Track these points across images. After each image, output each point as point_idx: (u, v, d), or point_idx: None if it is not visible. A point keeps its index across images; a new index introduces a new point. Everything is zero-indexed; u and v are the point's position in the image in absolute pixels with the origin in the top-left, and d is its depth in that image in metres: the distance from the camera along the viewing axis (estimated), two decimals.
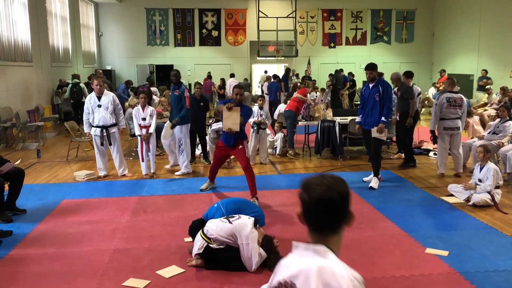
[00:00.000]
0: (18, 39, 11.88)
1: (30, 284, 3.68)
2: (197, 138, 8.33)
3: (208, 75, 17.24)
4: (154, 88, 13.57)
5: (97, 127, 6.98)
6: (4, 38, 11.11)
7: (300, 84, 12.13)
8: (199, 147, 8.44)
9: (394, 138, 8.79)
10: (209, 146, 8.17)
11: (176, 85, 7.25)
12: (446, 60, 19.27)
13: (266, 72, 18.83)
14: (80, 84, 12.69)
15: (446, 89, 7.22)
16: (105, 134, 6.98)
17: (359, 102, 6.90)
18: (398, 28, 20.74)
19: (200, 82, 9.51)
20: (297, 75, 18.91)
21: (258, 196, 5.72)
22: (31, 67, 12.69)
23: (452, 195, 5.88)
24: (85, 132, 7.24)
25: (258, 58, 20.65)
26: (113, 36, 19.61)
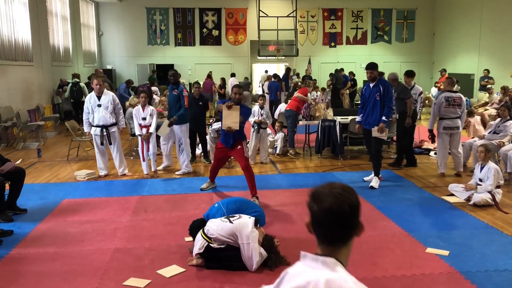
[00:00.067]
0: (19, 39, 11.88)
1: (31, 284, 3.68)
2: (198, 138, 8.33)
3: (208, 75, 17.21)
4: (155, 88, 13.57)
5: (97, 127, 6.99)
6: (5, 38, 11.11)
7: (301, 84, 12.12)
8: (200, 147, 8.44)
9: (395, 138, 8.78)
10: (210, 146, 8.18)
11: (174, 85, 7.27)
12: (447, 60, 19.26)
13: (267, 72, 18.83)
14: (80, 84, 12.69)
15: (445, 89, 7.22)
16: (105, 134, 6.99)
17: (360, 102, 6.90)
18: (399, 28, 20.73)
19: (199, 82, 9.50)
20: (298, 75, 18.91)
21: (259, 196, 5.73)
22: (32, 67, 12.69)
23: (453, 195, 5.87)
24: (85, 132, 7.25)
25: (259, 58, 20.63)
26: (114, 36, 19.60)
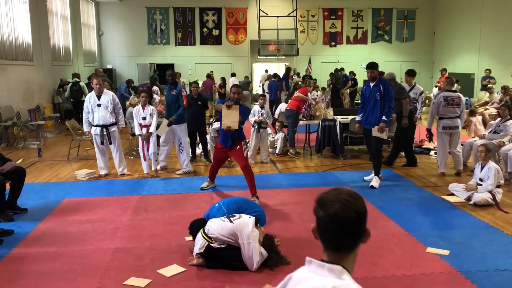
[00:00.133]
0: (19, 38, 11.88)
1: (31, 283, 3.68)
2: (198, 137, 8.33)
3: (208, 75, 17.19)
4: (156, 87, 13.57)
5: (97, 126, 6.99)
6: (5, 37, 11.11)
7: (301, 83, 12.12)
8: (200, 146, 8.44)
9: None
10: (210, 145, 8.18)
11: (172, 85, 7.28)
12: (447, 59, 19.25)
13: (267, 71, 18.83)
14: (80, 83, 12.68)
15: (444, 88, 7.22)
16: (105, 133, 6.99)
17: (360, 101, 6.90)
18: (399, 27, 20.71)
19: (197, 81, 9.48)
20: (298, 74, 18.90)
21: (259, 195, 5.73)
22: (32, 66, 12.69)
23: (453, 194, 5.87)
24: (85, 131, 7.25)
25: (259, 57, 20.63)
26: (114, 35, 19.60)
